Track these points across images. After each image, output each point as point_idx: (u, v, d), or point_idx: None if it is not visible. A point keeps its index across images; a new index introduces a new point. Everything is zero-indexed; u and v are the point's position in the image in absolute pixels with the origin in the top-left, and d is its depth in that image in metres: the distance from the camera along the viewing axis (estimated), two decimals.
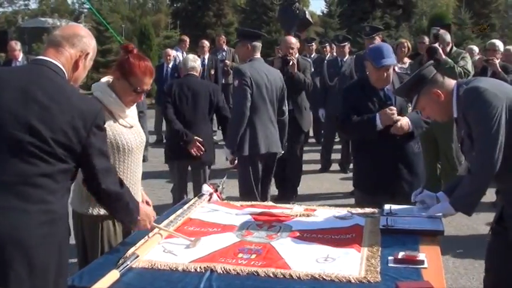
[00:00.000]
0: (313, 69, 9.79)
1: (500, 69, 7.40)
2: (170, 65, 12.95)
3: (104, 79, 3.60)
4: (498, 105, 3.24)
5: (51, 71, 2.62)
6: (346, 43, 10.02)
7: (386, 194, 4.42)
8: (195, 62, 6.62)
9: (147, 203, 3.74)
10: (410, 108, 4.71)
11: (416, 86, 3.59)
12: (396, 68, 5.13)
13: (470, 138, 3.39)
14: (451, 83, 3.55)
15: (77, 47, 2.74)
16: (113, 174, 2.80)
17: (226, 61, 14.27)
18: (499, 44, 8.42)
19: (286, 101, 6.38)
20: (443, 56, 7.29)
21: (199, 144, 6.25)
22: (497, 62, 7.49)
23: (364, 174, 4.87)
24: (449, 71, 7.08)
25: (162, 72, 12.44)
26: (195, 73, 6.60)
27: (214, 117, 6.73)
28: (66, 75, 2.69)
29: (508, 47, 9.02)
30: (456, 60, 7.40)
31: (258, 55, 6.07)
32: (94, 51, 2.86)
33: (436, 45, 7.28)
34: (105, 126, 2.75)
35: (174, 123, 6.36)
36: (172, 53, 13.20)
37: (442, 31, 7.88)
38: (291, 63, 7.55)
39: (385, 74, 4.60)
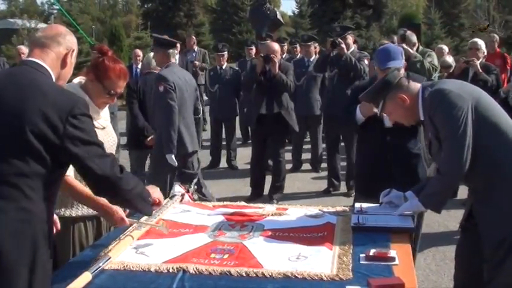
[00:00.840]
0: None
1: (481, 70, 7.47)
2: (139, 66, 12.97)
3: (76, 80, 3.57)
4: (464, 106, 3.30)
5: (33, 69, 2.65)
6: (311, 43, 10.06)
7: None
8: None
9: None
10: None
11: (382, 91, 3.64)
12: None
13: (438, 140, 3.44)
14: (416, 86, 3.60)
15: (62, 45, 2.78)
16: (108, 159, 2.72)
17: (196, 62, 14.24)
18: (481, 43, 8.46)
19: (199, 100, 6.64)
20: (412, 51, 7.37)
21: None
22: (477, 62, 7.54)
23: (358, 176, 4.86)
24: (419, 65, 7.18)
25: (132, 73, 12.41)
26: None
27: None
28: (53, 73, 2.72)
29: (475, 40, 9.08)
30: (423, 58, 7.50)
31: (173, 60, 6.43)
32: (77, 48, 2.90)
33: (403, 45, 7.33)
34: (88, 117, 2.69)
35: (138, 119, 7.07)
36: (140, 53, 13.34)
37: (408, 32, 7.98)
38: (271, 63, 7.61)
39: None
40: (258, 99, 7.94)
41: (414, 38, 7.92)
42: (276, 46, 8.05)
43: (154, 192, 3.23)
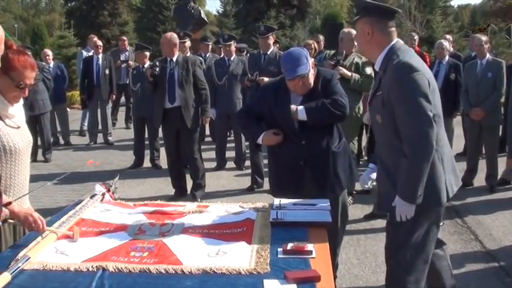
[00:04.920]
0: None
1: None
2: (51, 64, 12.92)
3: None
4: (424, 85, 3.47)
5: None
6: (231, 42, 10.12)
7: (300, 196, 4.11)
8: None
9: None
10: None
11: (368, 9, 3.71)
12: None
13: (383, 102, 3.58)
14: (387, 40, 3.67)
15: None
16: None
17: (130, 62, 14.20)
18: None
19: None
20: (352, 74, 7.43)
21: None
22: None
23: (273, 177, 4.83)
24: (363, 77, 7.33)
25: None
26: None
27: None
28: None
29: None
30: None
31: None
32: (1, 39, 2.90)
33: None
34: None
35: None
36: (50, 53, 13.50)
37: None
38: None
39: (301, 82, 4.44)
40: (160, 94, 8.05)
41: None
42: (173, 35, 8.25)
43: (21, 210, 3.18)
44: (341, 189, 4.64)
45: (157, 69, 7.87)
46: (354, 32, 7.31)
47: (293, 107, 4.47)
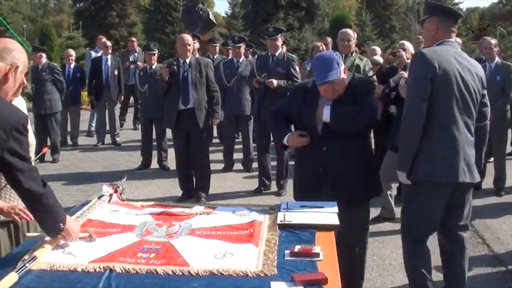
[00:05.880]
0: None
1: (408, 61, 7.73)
2: (72, 66, 12.96)
3: None
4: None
5: None
6: (241, 44, 10.13)
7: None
8: None
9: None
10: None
11: (432, 9, 4.40)
12: None
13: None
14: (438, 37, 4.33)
15: (6, 60, 2.80)
16: (35, 175, 2.84)
17: (139, 63, 14.24)
18: (408, 44, 8.68)
19: None
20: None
21: None
22: (403, 53, 7.76)
23: (295, 181, 4.78)
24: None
25: (65, 73, 12.41)
26: None
27: None
28: None
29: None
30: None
31: None
32: (25, 65, 2.92)
33: None
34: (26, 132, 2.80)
35: None
36: (72, 52, 13.37)
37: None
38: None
39: (331, 87, 4.32)
40: (174, 95, 8.03)
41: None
42: (188, 36, 8.24)
43: (71, 224, 3.16)
44: (359, 202, 4.51)
45: (175, 67, 7.86)
46: (350, 32, 7.32)
47: (321, 106, 4.38)
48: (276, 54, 8.48)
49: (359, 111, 4.33)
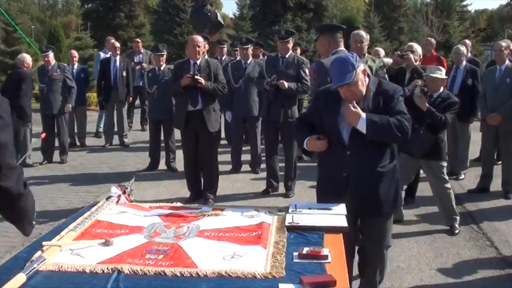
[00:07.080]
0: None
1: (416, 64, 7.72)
2: (76, 66, 13.02)
3: None
4: None
5: None
6: (249, 45, 10.13)
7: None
8: None
9: None
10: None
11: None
12: None
13: None
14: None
15: None
16: (17, 173, 2.76)
17: (144, 64, 14.24)
18: (416, 46, 8.70)
19: None
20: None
21: None
22: (411, 56, 7.74)
23: (318, 185, 4.70)
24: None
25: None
26: None
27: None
28: None
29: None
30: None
31: None
32: None
33: None
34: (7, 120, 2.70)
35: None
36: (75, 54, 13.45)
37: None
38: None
39: (349, 90, 4.21)
40: (183, 97, 8.01)
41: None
42: (199, 38, 8.21)
43: None
44: (379, 213, 4.45)
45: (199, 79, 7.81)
46: (363, 33, 7.30)
47: (346, 104, 4.23)
48: (286, 56, 8.47)
49: (396, 123, 4.19)
